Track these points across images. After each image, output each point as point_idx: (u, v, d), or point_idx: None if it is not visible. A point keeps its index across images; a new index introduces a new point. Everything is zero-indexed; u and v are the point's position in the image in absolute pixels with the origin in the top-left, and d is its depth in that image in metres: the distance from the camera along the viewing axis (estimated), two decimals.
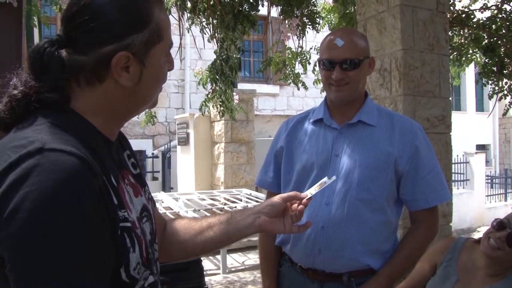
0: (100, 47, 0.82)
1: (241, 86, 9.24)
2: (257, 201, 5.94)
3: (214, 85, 4.33)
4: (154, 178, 10.23)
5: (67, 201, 0.70)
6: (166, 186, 9.75)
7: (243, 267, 5.95)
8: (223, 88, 4.26)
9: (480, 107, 16.80)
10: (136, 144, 9.43)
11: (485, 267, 1.66)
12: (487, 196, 10.62)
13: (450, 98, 2.76)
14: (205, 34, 4.16)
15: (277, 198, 1.15)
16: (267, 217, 1.13)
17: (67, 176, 0.71)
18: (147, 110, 4.63)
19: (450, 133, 2.72)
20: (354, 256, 1.48)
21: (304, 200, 1.16)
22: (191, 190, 7.76)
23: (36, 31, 3.54)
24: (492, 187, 11.68)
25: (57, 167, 0.71)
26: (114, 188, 0.82)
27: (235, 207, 5.56)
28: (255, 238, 1.95)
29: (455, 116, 3.18)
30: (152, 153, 10.36)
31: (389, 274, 1.50)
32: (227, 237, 1.15)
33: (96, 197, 0.74)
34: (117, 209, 0.81)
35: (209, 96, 4.65)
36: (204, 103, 4.84)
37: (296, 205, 1.14)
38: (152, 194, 1.11)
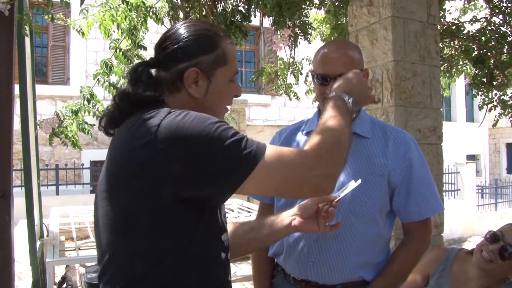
0: (178, 64, 1.09)
1: None
2: (248, 211, 5.90)
3: None
4: None
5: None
6: None
7: (234, 278, 5.91)
8: None
9: (470, 117, 16.97)
10: None
11: (477, 278, 1.66)
12: (478, 206, 10.66)
13: (441, 109, 2.78)
14: None
15: (309, 201, 1.30)
16: (301, 218, 1.28)
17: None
18: None
19: (441, 144, 2.73)
20: (347, 268, 1.47)
21: (334, 202, 1.29)
22: None
23: (27, 40, 3.52)
24: (482, 197, 11.77)
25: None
26: None
27: (227, 217, 5.53)
28: None
29: (446, 126, 3.20)
30: None
31: (382, 285, 1.49)
32: (268, 237, 1.35)
33: None
34: None
35: None
36: None
37: (327, 206, 1.29)
38: None
